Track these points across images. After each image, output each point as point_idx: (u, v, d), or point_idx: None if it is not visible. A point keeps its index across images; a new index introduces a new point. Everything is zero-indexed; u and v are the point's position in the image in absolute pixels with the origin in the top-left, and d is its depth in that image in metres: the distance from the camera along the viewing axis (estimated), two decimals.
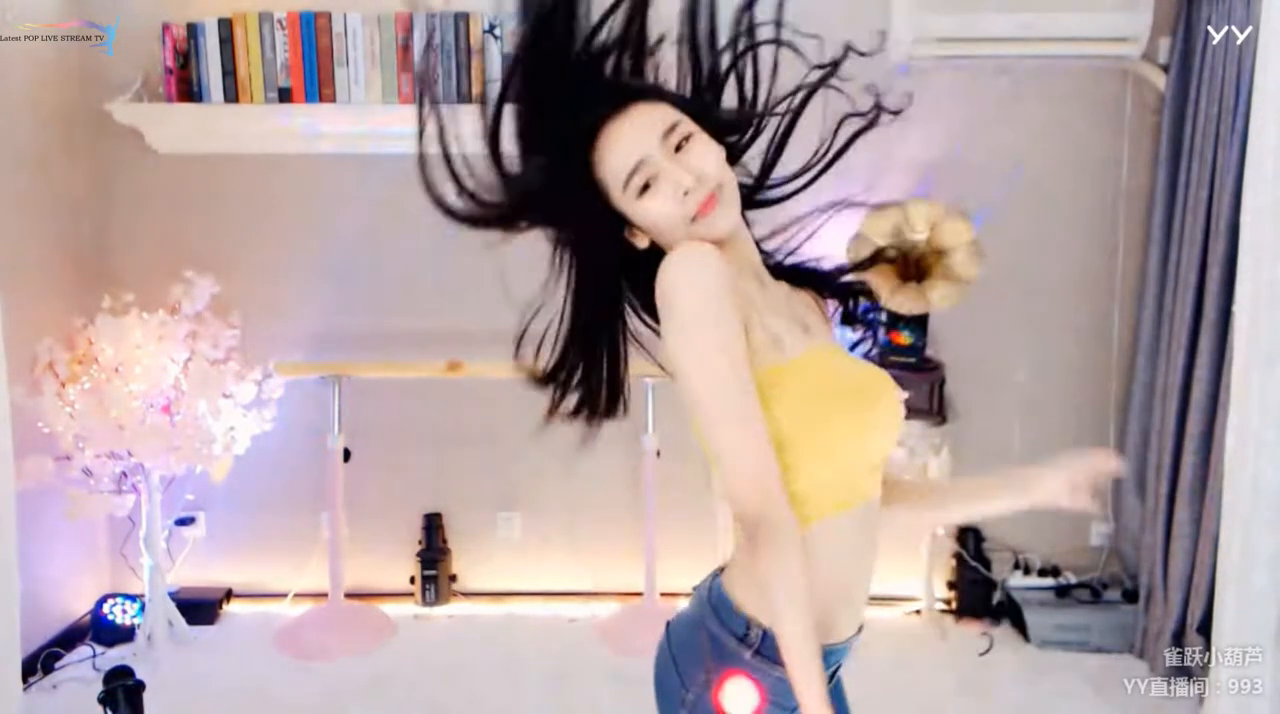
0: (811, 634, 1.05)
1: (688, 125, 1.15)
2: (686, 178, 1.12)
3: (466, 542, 3.42)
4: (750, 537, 1.07)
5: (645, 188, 1.13)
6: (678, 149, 1.13)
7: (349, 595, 3.25)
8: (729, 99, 1.24)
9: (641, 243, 1.19)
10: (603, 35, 1.16)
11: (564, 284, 1.19)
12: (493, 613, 3.35)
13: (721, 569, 1.24)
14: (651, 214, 1.14)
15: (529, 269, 1.24)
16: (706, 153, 1.14)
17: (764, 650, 1.13)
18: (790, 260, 1.31)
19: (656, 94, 1.19)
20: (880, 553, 1.23)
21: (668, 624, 1.27)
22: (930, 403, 3.02)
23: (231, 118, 3.11)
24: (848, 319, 1.35)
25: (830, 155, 1.25)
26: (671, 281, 1.08)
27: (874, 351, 3.20)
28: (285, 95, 3.08)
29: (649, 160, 1.12)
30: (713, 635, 1.17)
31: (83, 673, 2.89)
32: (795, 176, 1.27)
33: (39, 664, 2.89)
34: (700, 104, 1.21)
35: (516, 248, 1.23)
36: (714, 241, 1.13)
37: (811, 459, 1.12)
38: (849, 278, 1.34)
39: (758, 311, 1.14)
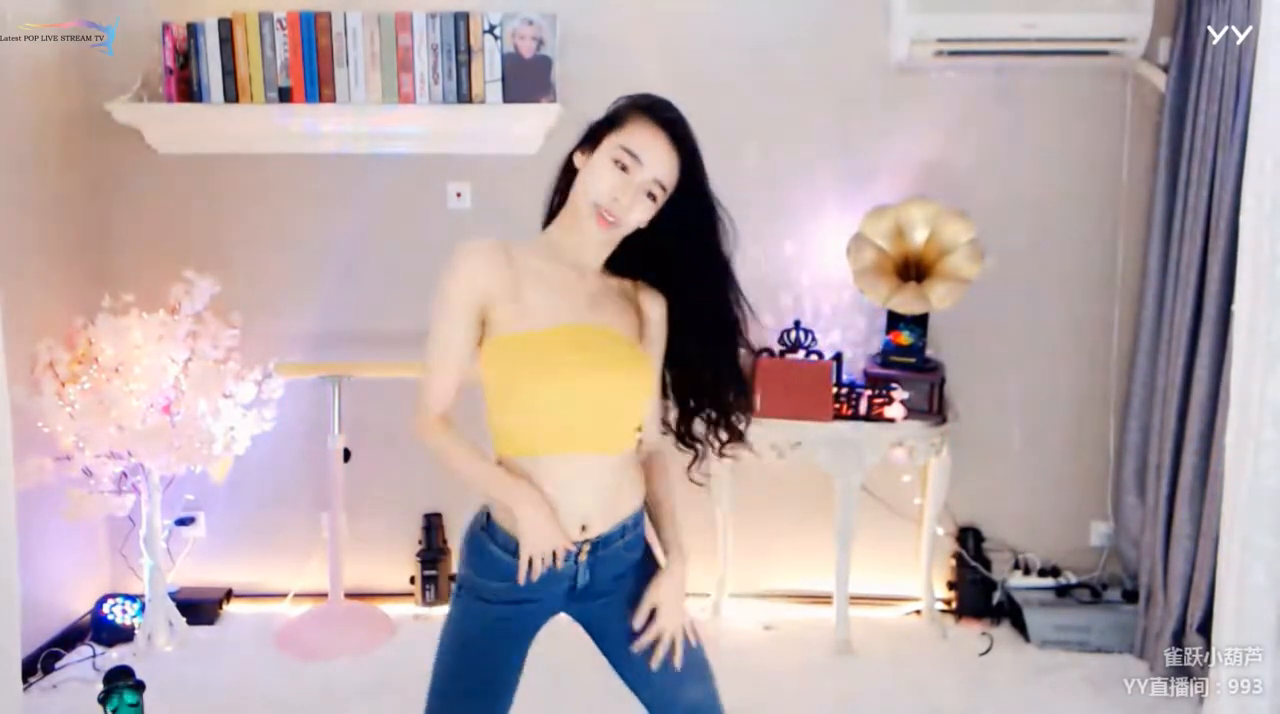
0: (458, 459, 1.57)
1: (664, 197, 1.52)
2: (623, 204, 1.49)
3: None
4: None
5: (621, 167, 1.49)
6: (649, 194, 1.51)
7: (349, 595, 3.25)
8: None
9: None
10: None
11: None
12: None
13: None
14: (597, 174, 1.50)
15: None
16: (646, 214, 1.52)
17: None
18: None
19: (691, 159, 1.54)
20: (880, 553, 1.28)
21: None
22: (930, 403, 3.02)
23: (231, 118, 3.11)
24: None
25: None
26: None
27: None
28: (285, 95, 3.08)
29: (643, 173, 1.49)
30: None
31: (83, 673, 2.89)
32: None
33: (39, 664, 2.89)
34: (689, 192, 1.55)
35: None
36: (572, 232, 1.56)
37: (503, 407, 1.55)
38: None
39: (518, 293, 1.51)
